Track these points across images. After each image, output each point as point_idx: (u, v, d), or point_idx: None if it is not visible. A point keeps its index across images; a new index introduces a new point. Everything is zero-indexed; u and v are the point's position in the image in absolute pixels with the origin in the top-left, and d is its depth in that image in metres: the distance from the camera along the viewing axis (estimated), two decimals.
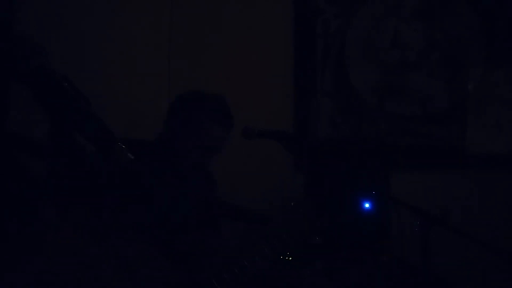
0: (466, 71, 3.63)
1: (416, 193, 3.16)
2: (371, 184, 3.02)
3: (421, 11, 3.67)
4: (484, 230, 2.91)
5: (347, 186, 2.91)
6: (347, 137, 3.68)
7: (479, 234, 2.63)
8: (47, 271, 1.86)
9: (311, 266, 2.69)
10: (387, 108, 3.67)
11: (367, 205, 2.89)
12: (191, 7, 3.69)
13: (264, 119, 2.75)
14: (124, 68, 3.48)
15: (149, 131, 3.07)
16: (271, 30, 3.71)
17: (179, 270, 2.14)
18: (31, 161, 1.91)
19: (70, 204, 1.93)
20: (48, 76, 1.63)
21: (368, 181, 3.02)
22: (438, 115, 3.63)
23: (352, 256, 2.87)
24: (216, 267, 2.17)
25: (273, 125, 2.73)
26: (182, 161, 2.56)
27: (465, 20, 3.63)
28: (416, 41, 3.67)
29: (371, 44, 3.70)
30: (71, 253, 1.96)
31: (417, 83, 3.66)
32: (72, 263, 1.94)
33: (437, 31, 3.65)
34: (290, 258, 2.55)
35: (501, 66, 3.58)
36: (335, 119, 3.70)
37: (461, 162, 3.57)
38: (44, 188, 1.86)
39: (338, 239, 2.81)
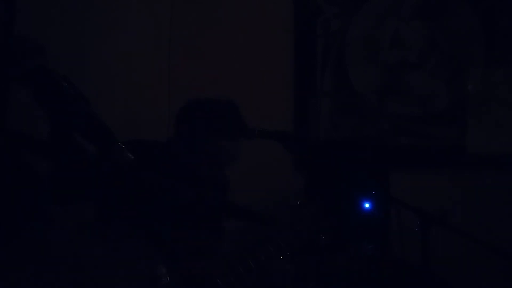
0: (466, 71, 3.63)
1: (416, 193, 3.16)
2: (371, 184, 3.02)
3: (421, 11, 3.67)
4: (484, 230, 2.91)
5: (347, 186, 2.91)
6: (347, 137, 3.68)
7: (479, 234, 2.63)
8: (49, 271, 1.86)
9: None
10: (387, 108, 3.67)
11: (367, 205, 2.89)
12: (191, 7, 3.69)
13: (264, 119, 2.75)
14: (124, 68, 3.48)
15: (149, 131, 3.07)
16: (271, 30, 3.71)
17: (181, 270, 2.14)
18: (33, 160, 1.91)
19: (71, 203, 1.93)
20: (48, 76, 1.63)
21: (368, 181, 3.02)
22: (438, 115, 3.63)
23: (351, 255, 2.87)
24: (220, 267, 2.16)
25: (273, 125, 2.73)
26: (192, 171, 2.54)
27: (465, 20, 3.63)
28: (416, 41, 3.67)
29: (371, 44, 3.70)
30: (72, 252, 1.96)
31: (417, 83, 3.66)
32: (73, 263, 1.94)
33: (437, 31, 3.65)
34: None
35: (501, 66, 3.58)
36: (335, 119, 3.70)
37: (461, 162, 3.57)
38: (46, 188, 1.86)
39: (340, 240, 2.81)
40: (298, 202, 2.34)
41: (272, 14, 3.72)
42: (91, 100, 1.70)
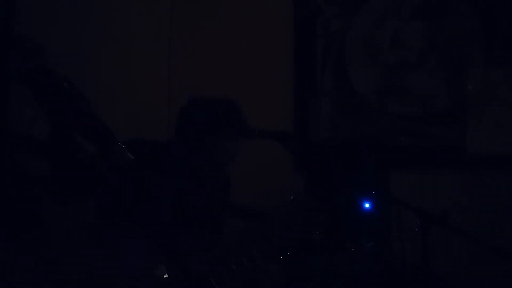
0: (466, 71, 3.62)
1: (416, 193, 3.16)
2: (371, 184, 3.02)
3: (421, 11, 3.67)
4: (484, 230, 2.91)
5: (347, 186, 2.91)
6: (347, 137, 3.68)
7: (479, 234, 2.63)
8: (49, 271, 1.86)
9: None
10: (387, 108, 3.67)
11: (367, 205, 2.89)
12: (191, 7, 3.69)
13: (264, 119, 2.75)
14: (124, 68, 3.48)
15: (149, 131, 3.07)
16: (271, 30, 3.71)
17: (178, 269, 2.14)
18: (32, 160, 1.91)
19: (70, 203, 1.93)
20: (48, 76, 1.63)
21: (368, 181, 3.02)
22: (438, 115, 3.63)
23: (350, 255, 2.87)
24: (214, 265, 2.16)
25: (273, 125, 2.73)
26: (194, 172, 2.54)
27: (465, 20, 3.63)
28: (416, 41, 3.67)
29: (371, 44, 3.70)
30: (72, 252, 1.96)
31: (417, 83, 3.66)
32: (73, 263, 1.94)
33: (437, 31, 3.65)
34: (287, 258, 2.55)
35: (501, 66, 3.58)
36: (335, 119, 3.70)
37: (461, 162, 3.57)
38: (45, 188, 1.86)
39: (337, 238, 2.81)
40: (292, 198, 2.34)
41: (272, 14, 3.72)
42: (91, 100, 1.70)
